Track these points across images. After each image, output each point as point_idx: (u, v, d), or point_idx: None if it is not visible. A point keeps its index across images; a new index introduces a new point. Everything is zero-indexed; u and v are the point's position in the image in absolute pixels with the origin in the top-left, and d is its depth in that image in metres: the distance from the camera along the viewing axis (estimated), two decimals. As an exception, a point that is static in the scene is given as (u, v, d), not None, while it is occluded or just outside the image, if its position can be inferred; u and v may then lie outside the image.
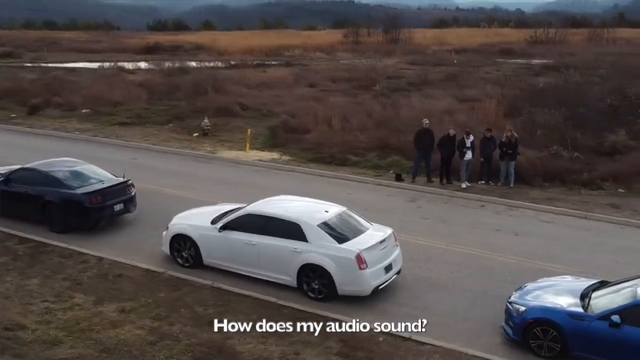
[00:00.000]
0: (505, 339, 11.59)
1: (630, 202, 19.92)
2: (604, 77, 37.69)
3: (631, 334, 10.29)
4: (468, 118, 26.69)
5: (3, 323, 11.90)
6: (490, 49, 64.36)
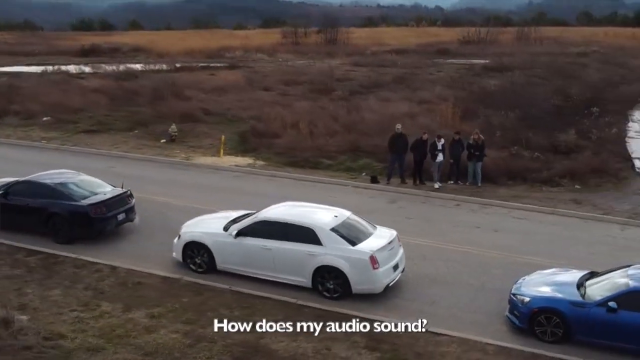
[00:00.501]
0: (511, 328, 12.86)
1: (589, 198, 21.67)
2: (543, 78, 39.90)
3: (626, 318, 11.71)
4: (428, 121, 28.05)
5: (41, 333, 12.40)
6: (427, 50, 66.39)
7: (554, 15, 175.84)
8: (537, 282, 13.19)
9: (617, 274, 12.66)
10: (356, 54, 63.71)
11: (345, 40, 71.64)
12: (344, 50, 65.31)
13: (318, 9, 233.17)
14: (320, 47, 69.03)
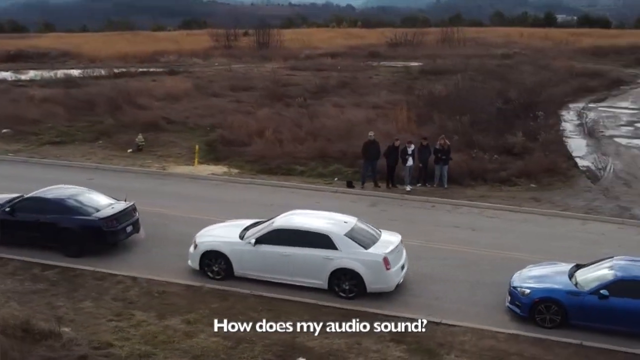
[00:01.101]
0: (513, 317, 14.53)
1: (545, 196, 23.78)
2: (481, 81, 42.22)
3: (616, 303, 13.56)
4: (387, 126, 29.64)
5: (90, 343, 13.21)
6: (358, 52, 68.08)
7: (462, 14, 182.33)
8: (533, 275, 14.91)
9: (603, 265, 14.53)
10: (291, 57, 64.62)
11: (278, 43, 72.27)
12: (278, 54, 66.14)
13: (229, 8, 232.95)
14: (253, 50, 69.61)
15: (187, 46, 73.44)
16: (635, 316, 13.51)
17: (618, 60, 63.13)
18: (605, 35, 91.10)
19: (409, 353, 13.10)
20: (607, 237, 19.72)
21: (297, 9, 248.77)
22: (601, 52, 66.55)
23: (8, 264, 16.93)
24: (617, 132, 34.74)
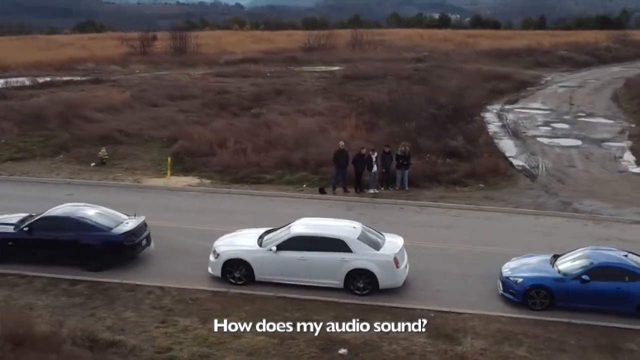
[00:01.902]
0: (507, 303, 17.00)
1: (496, 194, 26.59)
2: (406, 87, 44.94)
3: (595, 286, 16.25)
4: (341, 134, 31.73)
5: (150, 349, 14.62)
6: (275, 57, 69.32)
7: (353, 14, 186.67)
8: (520, 267, 17.45)
9: (578, 254, 17.23)
10: (210, 63, 65.37)
11: (194, 48, 72.49)
12: (197, 60, 66.69)
13: (114, 8, 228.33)
14: (170, 56, 69.66)
15: (97, 52, 72.43)
16: (609, 296, 16.24)
17: (518, 62, 67.45)
18: (499, 36, 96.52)
19: (432, 339, 15.26)
20: (559, 230, 22.63)
21: (185, 7, 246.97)
22: (502, 54, 70.77)
23: (34, 281, 17.84)
24: (538, 132, 38.20)
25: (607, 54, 73.46)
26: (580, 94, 51.29)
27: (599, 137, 37.03)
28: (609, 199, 26.20)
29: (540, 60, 68.58)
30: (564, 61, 69.05)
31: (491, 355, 14.64)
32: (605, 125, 40.56)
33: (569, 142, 35.90)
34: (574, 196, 26.44)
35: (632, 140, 36.14)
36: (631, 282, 16.19)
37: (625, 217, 24.12)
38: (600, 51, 74.12)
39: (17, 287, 17.50)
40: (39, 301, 16.75)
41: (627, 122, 40.92)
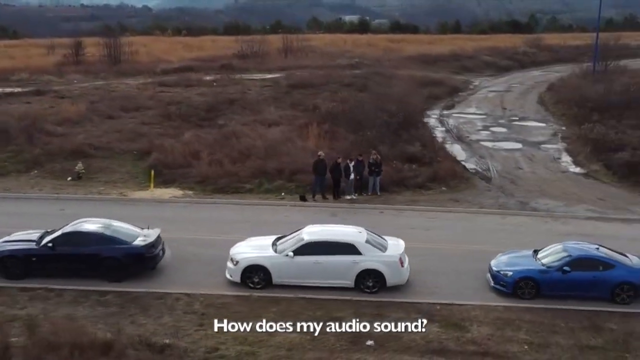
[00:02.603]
0: (498, 294, 19.38)
1: (460, 197, 29.10)
2: (350, 94, 47.20)
3: (574, 276, 18.83)
4: (306, 143, 33.61)
5: (200, 349, 16.16)
6: (211, 65, 69.68)
7: (264, 17, 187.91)
8: (507, 262, 19.86)
9: (557, 248, 19.82)
10: (147, 72, 65.41)
11: (129, 56, 72.30)
12: (135, 68, 66.72)
13: (15, 11, 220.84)
14: (105, 64, 69.29)
15: (25, 61, 71.21)
16: (587, 284, 18.87)
17: (446, 67, 70.69)
18: (420, 41, 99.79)
19: (443, 328, 17.45)
20: (524, 228, 25.32)
21: (89, 10, 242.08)
22: (429, 59, 73.97)
23: (63, 294, 18.95)
24: (480, 137, 41.13)
25: (526, 59, 77.90)
26: (509, 99, 54.78)
27: (536, 140, 40.27)
28: (560, 197, 29.16)
29: (466, 65, 72.23)
30: (488, 66, 72.90)
31: (497, 339, 16.92)
32: (538, 128, 43.93)
33: (511, 145, 38.90)
34: (529, 196, 29.25)
35: (565, 143, 39.46)
36: (605, 271, 18.85)
37: (578, 213, 27.09)
38: (519, 56, 78.50)
39: (49, 300, 18.56)
40: (76, 312, 17.90)
41: (557, 125, 44.37)
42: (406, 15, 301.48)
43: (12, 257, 19.62)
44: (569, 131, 42.20)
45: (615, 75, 57.12)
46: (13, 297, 18.68)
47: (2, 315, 17.46)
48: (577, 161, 35.45)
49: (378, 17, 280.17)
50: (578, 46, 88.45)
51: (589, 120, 41.74)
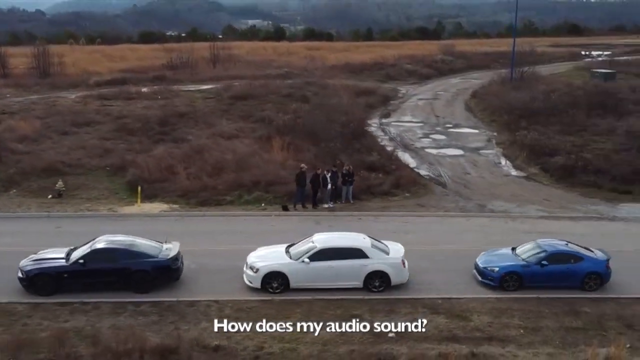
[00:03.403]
0: (486, 287, 22.27)
1: (423, 201, 31.99)
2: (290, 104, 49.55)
3: (551, 269, 21.94)
4: (273, 156, 35.74)
5: (248, 348, 18.19)
6: (143, 77, 69.76)
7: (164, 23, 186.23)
8: (492, 259, 22.79)
9: (533, 245, 22.91)
10: (79, 84, 65.13)
11: (59, 67, 71.49)
12: (64, 81, 66.41)
13: None
14: (35, 77, 68.44)
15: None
16: (562, 275, 22.03)
17: (371, 76, 74.04)
18: (337, 49, 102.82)
19: (449, 319, 20.15)
20: (490, 228, 28.46)
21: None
22: (355, 68, 77.05)
23: (100, 306, 20.46)
24: (423, 144, 44.32)
25: (444, 66, 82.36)
26: (439, 106, 58.49)
27: (474, 146, 43.83)
28: (510, 199, 32.56)
29: (390, 73, 75.82)
30: (410, 74, 76.70)
31: (497, 326, 19.77)
32: (473, 135, 47.60)
33: (454, 152, 42.26)
34: (483, 199, 32.49)
35: (501, 148, 43.17)
36: (576, 263, 22.09)
37: (531, 213, 30.53)
38: (438, 64, 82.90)
39: (89, 313, 20.03)
40: (120, 322, 19.48)
41: (489, 132, 48.14)
42: (308, 19, 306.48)
43: (43, 274, 20.87)
44: (501, 137, 45.98)
45: (532, 82, 62.10)
46: (53, 312, 20.01)
47: (52, 328, 18.77)
48: (516, 165, 39.05)
49: (280, 22, 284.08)
50: (488, 53, 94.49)
51: (518, 126, 45.83)
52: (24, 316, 19.79)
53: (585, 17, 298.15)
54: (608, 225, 29.30)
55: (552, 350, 18.46)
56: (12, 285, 21.42)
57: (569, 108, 48.79)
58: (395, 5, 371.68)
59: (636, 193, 33.82)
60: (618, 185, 34.61)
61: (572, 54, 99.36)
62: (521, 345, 18.72)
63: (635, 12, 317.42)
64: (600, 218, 30.17)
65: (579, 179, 35.67)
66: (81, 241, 22.84)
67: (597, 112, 48.29)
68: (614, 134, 43.51)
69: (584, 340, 19.06)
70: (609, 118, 46.35)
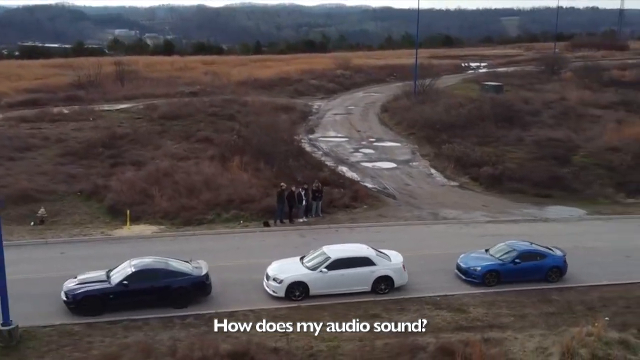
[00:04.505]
0: (470, 284, 26.37)
1: (382, 212, 35.85)
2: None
3: (522, 266, 26.39)
4: (235, 175, 38.44)
5: (298, 349, 21.24)
6: (55, 97, 68.06)
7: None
8: (472, 260, 26.94)
9: (504, 246, 27.29)
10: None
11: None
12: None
13: None
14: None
15: None
16: (530, 270, 26.51)
17: (282, 92, 76.65)
18: (230, 63, 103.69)
19: (451, 312, 24.05)
20: (449, 233, 32.71)
21: None
22: (265, 84, 79.19)
23: (149, 322, 22.67)
24: (356, 159, 48.10)
25: (346, 81, 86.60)
26: (355, 121, 62.43)
27: (403, 159, 48.20)
28: (455, 206, 37.05)
29: (299, 89, 79.14)
30: (317, 89, 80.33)
31: (491, 316, 23.88)
32: (397, 148, 51.88)
33: (387, 165, 46.37)
34: (432, 207, 36.78)
35: (427, 160, 47.81)
36: (541, 260, 26.68)
37: (479, 219, 35.10)
38: (340, 78, 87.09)
39: (142, 329, 22.24)
40: (175, 334, 21.87)
41: (410, 145, 52.66)
42: (177, 29, 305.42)
43: (91, 297, 22.86)
44: (424, 150, 50.60)
45: (433, 95, 67.69)
46: (108, 330, 22.09)
47: (116, 345, 20.92)
48: (447, 175, 43.73)
49: (148, 31, 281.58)
50: (381, 66, 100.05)
51: (439, 139, 50.70)
52: (84, 335, 21.70)
53: (445, 25, 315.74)
54: (543, 225, 34.30)
55: (542, 331, 22.58)
56: (54, 308, 23.25)
57: (479, 121, 54.24)
58: (264, 14, 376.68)
59: (556, 196, 39.32)
60: (540, 190, 39.90)
61: (456, 67, 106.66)
62: (516, 330, 22.75)
63: (490, 21, 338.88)
64: (535, 220, 35.12)
65: (505, 186, 40.80)
66: (91, 265, 25.27)
67: (503, 124, 53.96)
68: (523, 143, 49.34)
69: (562, 322, 23.39)
70: (516, 129, 52.21)
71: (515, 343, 21.60)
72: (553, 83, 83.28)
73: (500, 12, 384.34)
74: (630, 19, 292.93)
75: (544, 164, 43.67)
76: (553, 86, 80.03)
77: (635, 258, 29.24)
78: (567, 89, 74.63)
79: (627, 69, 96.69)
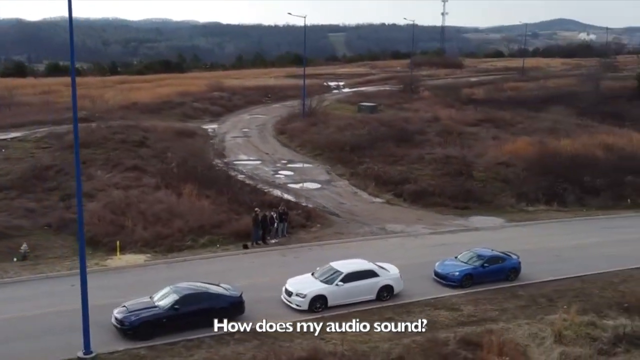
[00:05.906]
0: (450, 287, 31.25)
1: (337, 229, 39.99)
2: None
3: (490, 269, 31.76)
4: (196, 203, 40.96)
5: (346, 351, 25.02)
6: None
7: None
8: (448, 267, 31.89)
9: (471, 253, 32.51)
10: None
11: None
12: None
13: None
14: None
15: None
16: (496, 272, 31.89)
17: (171, 116, 77.45)
18: (86, 85, 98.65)
19: (448, 311, 28.79)
20: (406, 246, 37.39)
21: None
22: (150, 108, 78.83)
23: (204, 341, 25.22)
24: (281, 181, 51.56)
25: (228, 103, 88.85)
26: (257, 143, 65.28)
27: (324, 179, 52.35)
28: (395, 221, 41.96)
29: (186, 112, 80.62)
30: (203, 112, 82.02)
31: (480, 312, 28.82)
32: (311, 169, 55.71)
33: (313, 185, 50.22)
34: (376, 223, 41.36)
35: (345, 179, 52.42)
36: (503, 263, 32.19)
37: (421, 231, 40.21)
38: (221, 100, 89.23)
39: (201, 347, 24.81)
40: (236, 350, 24.69)
41: (322, 165, 56.94)
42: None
43: (146, 323, 25.10)
44: (338, 170, 55.00)
45: (322, 116, 72.69)
46: (171, 351, 24.42)
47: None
48: (371, 193, 48.57)
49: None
50: (252, 88, 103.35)
51: (350, 159, 55.49)
52: (154, 357, 23.80)
53: (276, 42, 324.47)
54: (477, 234, 40.06)
55: (526, 320, 27.82)
56: (107, 336, 25.09)
57: (380, 142, 59.78)
58: (90, 29, 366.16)
59: (472, 208, 45.44)
60: (457, 202, 45.87)
61: (320, 86, 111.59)
62: (504, 321, 27.86)
63: (318, 37, 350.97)
64: (468, 229, 40.87)
65: (427, 201, 46.35)
66: (105, 294, 27.48)
67: (401, 144, 59.87)
68: (424, 161, 55.24)
69: (535, 312, 28.83)
70: (415, 148, 58.14)
71: (510, 332, 26.56)
72: (416, 102, 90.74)
73: (327, 29, 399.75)
74: (448, 35, 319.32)
75: (451, 180, 49.57)
76: (418, 105, 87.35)
77: (564, 257, 35.45)
78: (434, 108, 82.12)
79: (473, 86, 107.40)
